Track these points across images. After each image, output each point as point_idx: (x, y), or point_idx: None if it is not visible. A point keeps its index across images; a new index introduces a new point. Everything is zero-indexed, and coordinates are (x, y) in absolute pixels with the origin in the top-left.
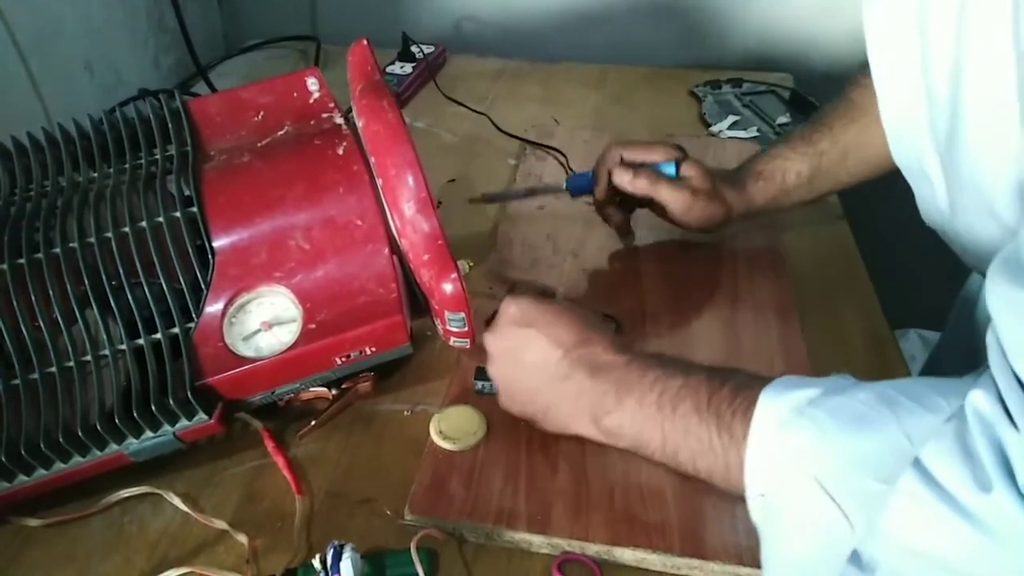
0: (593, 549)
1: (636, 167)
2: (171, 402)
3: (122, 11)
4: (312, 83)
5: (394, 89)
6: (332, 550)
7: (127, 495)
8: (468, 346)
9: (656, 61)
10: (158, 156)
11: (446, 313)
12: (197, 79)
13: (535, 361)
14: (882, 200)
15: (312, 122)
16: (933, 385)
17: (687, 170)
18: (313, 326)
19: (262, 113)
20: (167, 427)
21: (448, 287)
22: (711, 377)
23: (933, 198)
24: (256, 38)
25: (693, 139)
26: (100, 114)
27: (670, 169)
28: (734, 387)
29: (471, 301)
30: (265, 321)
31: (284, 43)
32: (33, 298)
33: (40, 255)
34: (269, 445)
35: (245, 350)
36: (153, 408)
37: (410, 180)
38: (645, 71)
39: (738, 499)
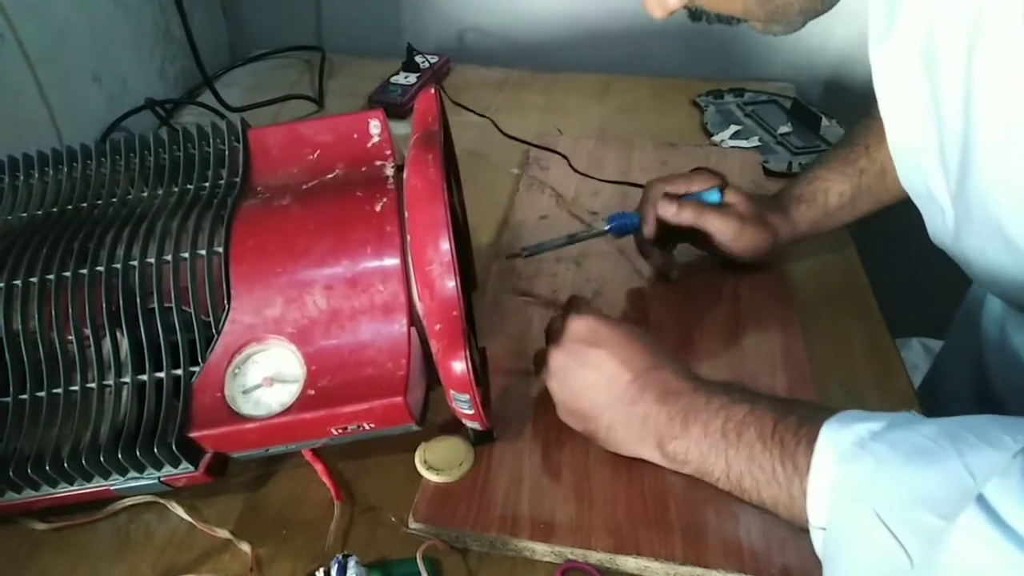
0: (596, 557)
1: (679, 199)
2: (156, 449)
3: (129, 22)
4: (374, 126)
5: (398, 99)
6: (336, 564)
7: (132, 503)
8: (480, 428)
9: (658, 71)
10: (208, 184)
11: (452, 392)
12: (203, 88)
13: (603, 381)
14: (884, 209)
15: (364, 168)
16: (999, 422)
17: (731, 197)
18: (312, 392)
19: (318, 152)
20: (152, 471)
21: (456, 366)
22: (777, 406)
23: (943, 222)
24: (261, 48)
25: (695, 148)
26: (106, 123)
27: (714, 196)
28: (800, 417)
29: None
30: (268, 376)
31: (289, 53)
32: (54, 315)
33: (68, 273)
34: (307, 454)
35: (243, 404)
36: (138, 452)
37: (436, 242)
38: (647, 81)
39: (741, 507)
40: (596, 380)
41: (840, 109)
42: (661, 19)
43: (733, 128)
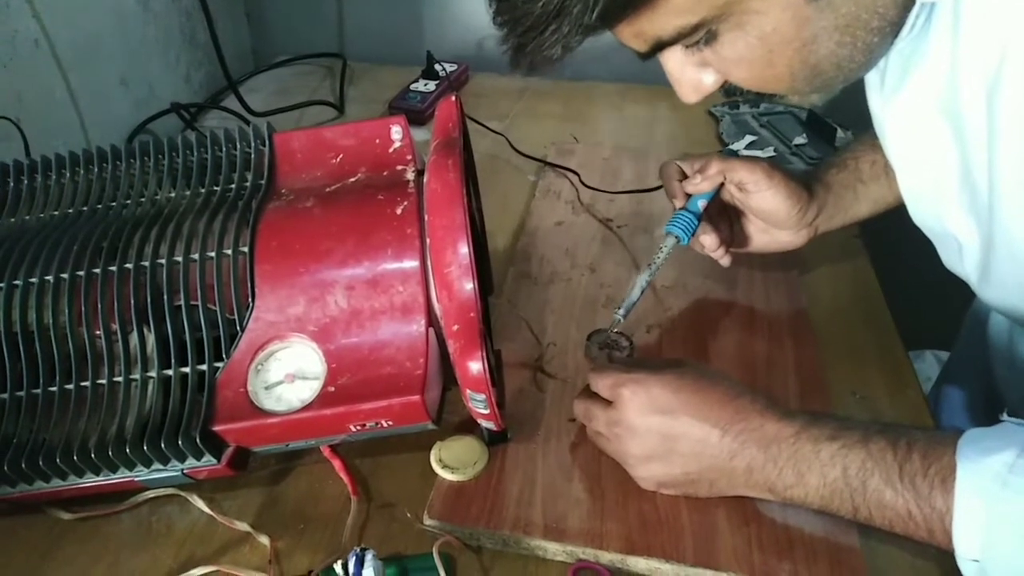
0: (607, 557)
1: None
2: (180, 441)
3: (156, 28)
4: (396, 132)
5: (417, 106)
6: (354, 556)
7: (154, 495)
8: (494, 429)
9: None
10: (234, 186)
11: (468, 392)
12: (227, 93)
13: (693, 447)
14: (899, 221)
15: (385, 172)
16: None
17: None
18: (332, 389)
19: (341, 156)
20: (176, 463)
21: (473, 366)
22: (894, 443)
23: (958, 254)
24: (284, 55)
25: None
26: (130, 127)
27: (706, 197)
28: (922, 452)
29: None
30: (290, 373)
31: (311, 60)
32: (83, 311)
33: (97, 270)
34: (326, 450)
35: (265, 400)
36: (163, 444)
37: (455, 245)
38: (664, 91)
39: (751, 513)
40: (685, 449)
41: (855, 121)
42: (695, 102)
43: (748, 138)
